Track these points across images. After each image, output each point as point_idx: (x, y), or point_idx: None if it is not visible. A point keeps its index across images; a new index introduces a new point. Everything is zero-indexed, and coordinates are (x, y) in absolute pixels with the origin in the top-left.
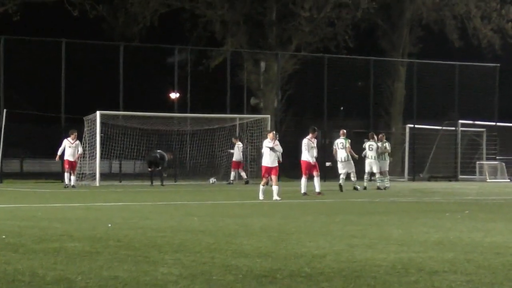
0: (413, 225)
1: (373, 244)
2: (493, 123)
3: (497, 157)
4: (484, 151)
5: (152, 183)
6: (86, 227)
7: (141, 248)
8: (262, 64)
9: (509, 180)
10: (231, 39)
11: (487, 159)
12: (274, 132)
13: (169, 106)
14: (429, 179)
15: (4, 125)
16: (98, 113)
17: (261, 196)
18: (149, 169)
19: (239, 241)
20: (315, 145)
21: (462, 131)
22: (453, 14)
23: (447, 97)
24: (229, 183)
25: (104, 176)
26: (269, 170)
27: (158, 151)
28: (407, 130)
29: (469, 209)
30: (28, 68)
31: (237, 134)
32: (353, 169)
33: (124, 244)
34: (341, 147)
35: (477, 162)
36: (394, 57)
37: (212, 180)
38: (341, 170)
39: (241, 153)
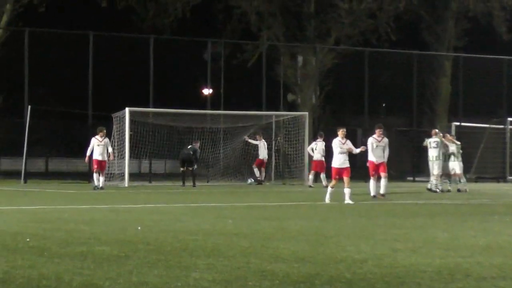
0: (459, 228)
1: (417, 249)
2: None
3: None
4: None
5: (183, 183)
6: (114, 230)
7: (172, 252)
8: (300, 58)
9: None
10: (267, 32)
11: None
12: (344, 129)
13: (201, 102)
14: (476, 179)
15: (29, 122)
16: (127, 110)
17: (327, 200)
18: (181, 169)
19: (276, 245)
20: (384, 144)
21: (511, 129)
22: (502, 5)
23: (495, 93)
24: (260, 183)
25: (134, 176)
26: (339, 171)
27: (189, 146)
28: (453, 127)
29: None
30: (53, 62)
31: (273, 132)
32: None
33: (155, 248)
34: (434, 146)
35: None
36: (438, 51)
37: (250, 180)
38: (435, 171)
39: (266, 151)
